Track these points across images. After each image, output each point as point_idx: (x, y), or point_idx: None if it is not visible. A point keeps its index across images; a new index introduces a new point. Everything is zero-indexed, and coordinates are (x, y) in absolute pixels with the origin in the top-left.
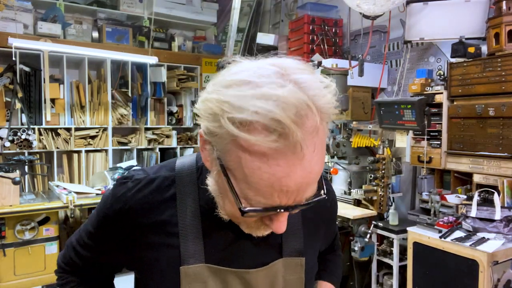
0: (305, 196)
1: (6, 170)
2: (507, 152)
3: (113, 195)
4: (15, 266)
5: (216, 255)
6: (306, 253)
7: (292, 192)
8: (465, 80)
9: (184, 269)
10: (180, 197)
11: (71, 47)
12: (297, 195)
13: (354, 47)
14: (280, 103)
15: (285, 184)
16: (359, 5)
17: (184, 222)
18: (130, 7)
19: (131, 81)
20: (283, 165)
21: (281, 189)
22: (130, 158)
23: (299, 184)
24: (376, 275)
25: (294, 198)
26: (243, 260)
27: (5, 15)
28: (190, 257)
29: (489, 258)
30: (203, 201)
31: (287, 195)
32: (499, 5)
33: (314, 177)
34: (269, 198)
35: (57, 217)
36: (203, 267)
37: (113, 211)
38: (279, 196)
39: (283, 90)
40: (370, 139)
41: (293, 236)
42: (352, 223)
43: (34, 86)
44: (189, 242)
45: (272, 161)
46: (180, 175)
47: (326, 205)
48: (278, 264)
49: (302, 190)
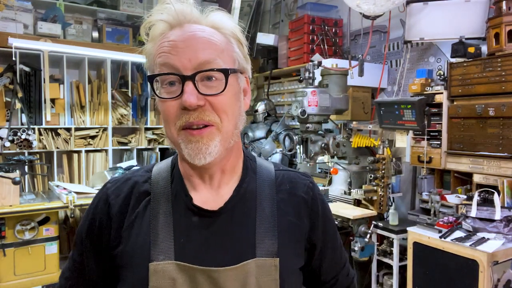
0: (200, 57)
1: (6, 170)
2: (507, 152)
3: (94, 200)
4: (15, 266)
5: (186, 253)
6: (281, 254)
7: (180, 49)
8: (465, 80)
9: (153, 266)
10: (154, 195)
11: (71, 47)
12: (189, 53)
13: (354, 47)
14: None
15: (173, 38)
16: (359, 5)
17: (156, 219)
18: (130, 7)
19: (131, 81)
20: (174, 31)
21: (169, 43)
22: (130, 158)
23: (186, 37)
24: (376, 275)
25: (188, 58)
26: (214, 259)
27: (5, 15)
28: (160, 253)
29: (489, 258)
30: (176, 195)
31: (178, 53)
32: (499, 5)
33: (202, 37)
34: (166, 58)
35: (57, 217)
36: (172, 264)
37: (96, 210)
38: (171, 52)
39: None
40: (370, 139)
41: (267, 237)
42: (352, 223)
43: (34, 86)
44: (159, 239)
45: (169, 33)
46: (155, 174)
47: (305, 198)
48: (250, 265)
49: (192, 47)
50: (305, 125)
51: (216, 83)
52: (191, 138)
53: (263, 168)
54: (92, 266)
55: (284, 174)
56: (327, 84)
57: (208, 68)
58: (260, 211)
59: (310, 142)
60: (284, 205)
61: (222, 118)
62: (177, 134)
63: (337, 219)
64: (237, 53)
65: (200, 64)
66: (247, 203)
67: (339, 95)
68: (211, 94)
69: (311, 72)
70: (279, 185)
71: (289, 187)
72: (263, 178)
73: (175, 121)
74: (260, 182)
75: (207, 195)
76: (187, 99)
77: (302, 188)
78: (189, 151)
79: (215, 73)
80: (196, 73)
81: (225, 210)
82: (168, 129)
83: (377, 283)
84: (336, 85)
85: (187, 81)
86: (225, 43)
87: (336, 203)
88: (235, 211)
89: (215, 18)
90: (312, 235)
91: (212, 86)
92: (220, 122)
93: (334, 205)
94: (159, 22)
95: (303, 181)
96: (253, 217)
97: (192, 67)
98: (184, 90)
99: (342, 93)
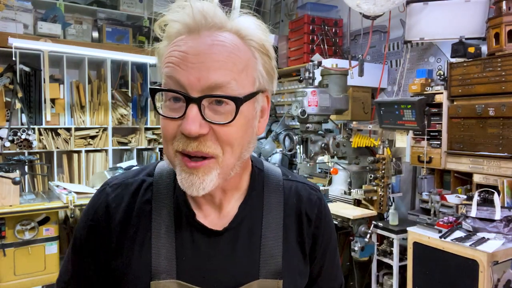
0: (211, 78)
1: (6, 170)
2: (507, 152)
3: (93, 204)
4: (15, 266)
5: (188, 272)
6: (284, 275)
7: (190, 64)
8: (465, 80)
9: (155, 284)
10: (156, 206)
11: (71, 47)
12: (200, 72)
13: (354, 47)
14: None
15: (185, 49)
16: (359, 5)
17: (158, 234)
18: (130, 7)
19: (131, 81)
20: (186, 39)
21: (180, 54)
22: (130, 158)
23: (200, 51)
24: (376, 275)
25: (198, 78)
26: (216, 278)
27: (5, 15)
28: (161, 272)
29: (489, 258)
30: (178, 208)
31: (187, 68)
32: (499, 5)
33: (218, 53)
34: (173, 71)
35: (57, 217)
36: (174, 284)
37: (95, 216)
38: (180, 66)
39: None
40: (370, 139)
41: (272, 256)
42: (352, 223)
43: (34, 86)
44: (161, 256)
45: (184, 36)
46: (158, 179)
47: (310, 217)
48: (253, 286)
49: (204, 65)
50: (305, 125)
51: (226, 109)
52: (185, 168)
53: (272, 179)
54: (91, 272)
55: (292, 185)
56: (327, 84)
57: (217, 94)
58: (266, 229)
59: (310, 142)
60: (290, 222)
61: (225, 150)
62: (173, 155)
63: (337, 219)
64: (259, 71)
65: (210, 86)
66: (252, 220)
67: (339, 95)
68: (217, 123)
69: (311, 72)
70: (286, 199)
71: (296, 202)
72: (271, 190)
73: (173, 141)
74: (267, 196)
75: (209, 211)
76: (187, 127)
77: (309, 205)
78: (182, 180)
79: (226, 100)
80: (203, 97)
81: (229, 228)
82: (166, 146)
83: (377, 283)
84: (336, 85)
85: (191, 104)
86: (247, 60)
87: (336, 203)
88: (240, 230)
89: (243, 24)
90: (313, 252)
91: (221, 113)
92: (221, 155)
93: (334, 205)
94: (174, 23)
95: (310, 196)
96: (258, 236)
97: (201, 88)
98: (186, 114)
99: (342, 93)
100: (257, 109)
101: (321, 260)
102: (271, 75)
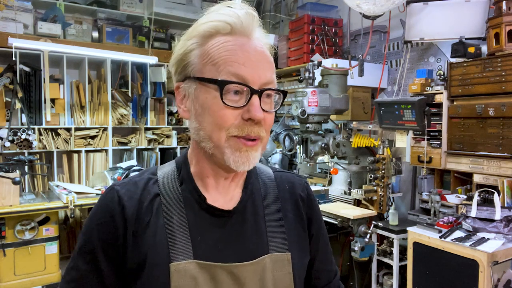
0: (267, 76)
1: (6, 170)
2: (507, 152)
3: (104, 202)
4: (15, 266)
5: (204, 251)
6: (291, 249)
7: (253, 63)
8: (465, 80)
9: (174, 266)
10: (164, 196)
11: (71, 47)
12: (259, 70)
13: (354, 47)
14: (230, 12)
15: (246, 49)
16: (359, 5)
17: (170, 220)
18: (130, 7)
19: (131, 81)
20: (239, 39)
21: (243, 55)
22: (130, 158)
23: (257, 54)
24: (376, 275)
25: (259, 75)
26: (231, 256)
27: (5, 15)
28: (179, 254)
29: (489, 258)
30: (186, 196)
31: (251, 67)
32: (499, 5)
33: (267, 56)
34: (238, 68)
35: (57, 217)
36: (193, 263)
37: (107, 213)
38: (245, 65)
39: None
40: (370, 139)
41: (277, 234)
42: (352, 223)
43: (34, 86)
44: (176, 239)
45: (231, 37)
46: (162, 177)
47: (302, 196)
48: (266, 260)
49: (261, 65)
50: (305, 125)
51: (270, 101)
52: (242, 147)
53: (263, 171)
54: (105, 271)
55: (282, 175)
56: (327, 84)
57: (271, 88)
58: (267, 210)
59: (310, 142)
60: (286, 203)
61: (267, 132)
62: (225, 140)
63: (337, 219)
64: (275, 72)
65: (266, 82)
66: (255, 202)
67: (339, 95)
68: (269, 111)
69: (311, 72)
70: (279, 185)
71: (288, 187)
72: (265, 179)
73: (230, 128)
74: (263, 183)
75: (217, 196)
76: (257, 113)
77: (299, 188)
78: (236, 158)
79: (275, 93)
80: (264, 89)
81: (237, 210)
82: (217, 133)
83: (377, 283)
84: (336, 85)
85: (255, 95)
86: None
87: (336, 203)
88: (246, 211)
89: (261, 33)
90: (310, 229)
91: (268, 103)
92: (265, 136)
93: (334, 205)
94: (221, 22)
95: (299, 181)
96: (262, 216)
97: (260, 83)
98: (252, 102)
99: (342, 93)
100: None
101: (316, 240)
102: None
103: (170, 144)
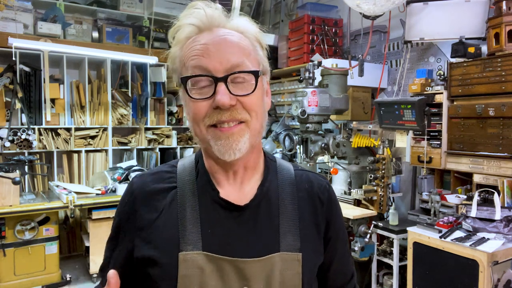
0: (231, 60)
1: (6, 170)
2: (507, 152)
3: (123, 194)
4: (15, 266)
5: (214, 244)
6: (303, 249)
7: (211, 53)
8: (465, 80)
9: (183, 255)
10: (180, 188)
11: (71, 47)
12: (220, 57)
13: (354, 47)
14: (195, 13)
15: (205, 42)
16: (359, 5)
17: (183, 211)
18: (130, 7)
19: (131, 81)
20: (205, 35)
21: (202, 47)
22: (130, 158)
23: (216, 42)
24: (376, 275)
25: (220, 62)
26: (240, 251)
27: (5, 15)
28: (188, 244)
29: (489, 258)
30: (201, 189)
31: (210, 56)
32: (499, 5)
33: (231, 42)
34: (198, 61)
35: (57, 217)
36: (201, 255)
37: (121, 204)
38: (204, 56)
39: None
40: (370, 139)
41: (290, 233)
42: (352, 223)
43: (34, 86)
44: (187, 230)
45: (199, 36)
46: (181, 169)
47: (322, 199)
48: (275, 258)
49: (223, 51)
50: (305, 125)
51: (245, 85)
52: (221, 134)
53: (284, 168)
54: (122, 259)
55: (303, 174)
56: (327, 84)
57: (238, 70)
58: (282, 209)
59: (310, 142)
60: (304, 204)
61: (252, 116)
62: (206, 131)
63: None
64: (261, 56)
65: (232, 66)
66: (270, 200)
67: (339, 95)
68: (243, 95)
69: (311, 72)
70: (298, 184)
71: (307, 187)
72: (284, 177)
73: (205, 119)
74: (281, 181)
75: (231, 191)
76: (221, 99)
77: (320, 189)
78: (219, 148)
79: (245, 75)
80: (228, 75)
81: (250, 206)
82: (197, 127)
83: (377, 283)
84: (336, 85)
85: (219, 82)
86: (250, 46)
87: None
88: (260, 208)
89: (240, 23)
90: (328, 232)
91: (242, 87)
92: (250, 119)
93: None
94: (189, 26)
95: (320, 182)
96: (276, 214)
97: (224, 70)
98: (217, 90)
99: (342, 93)
100: (265, 85)
101: (334, 243)
102: (266, 61)
103: (170, 144)
